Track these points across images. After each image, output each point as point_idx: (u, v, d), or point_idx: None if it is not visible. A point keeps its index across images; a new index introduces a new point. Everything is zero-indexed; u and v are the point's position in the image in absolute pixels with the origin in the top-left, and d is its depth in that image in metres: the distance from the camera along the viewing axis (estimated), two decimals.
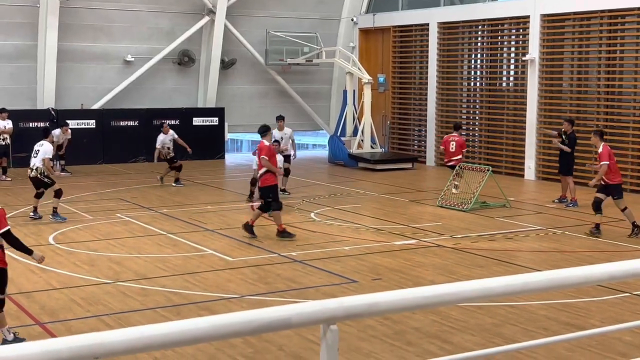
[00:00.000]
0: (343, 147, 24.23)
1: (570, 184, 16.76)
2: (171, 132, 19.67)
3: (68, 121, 22.07)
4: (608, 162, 13.46)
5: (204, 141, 25.02)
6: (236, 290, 10.10)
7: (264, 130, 13.52)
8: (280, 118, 18.62)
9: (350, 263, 11.62)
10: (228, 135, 26.74)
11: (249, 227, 13.27)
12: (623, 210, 13.57)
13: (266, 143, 13.42)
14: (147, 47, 25.00)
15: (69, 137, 21.46)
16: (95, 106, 24.33)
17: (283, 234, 13.11)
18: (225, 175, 22.80)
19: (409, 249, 12.64)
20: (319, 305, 2.69)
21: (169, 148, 19.44)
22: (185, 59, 25.59)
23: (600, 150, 13.72)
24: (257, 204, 16.11)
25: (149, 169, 22.68)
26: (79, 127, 23.54)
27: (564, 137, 16.85)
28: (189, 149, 19.77)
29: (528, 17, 20.99)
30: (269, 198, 13.18)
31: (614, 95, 19.59)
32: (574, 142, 16.80)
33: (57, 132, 20.51)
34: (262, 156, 13.23)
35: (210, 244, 12.83)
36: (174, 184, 19.51)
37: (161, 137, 19.43)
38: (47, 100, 23.31)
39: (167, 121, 22.06)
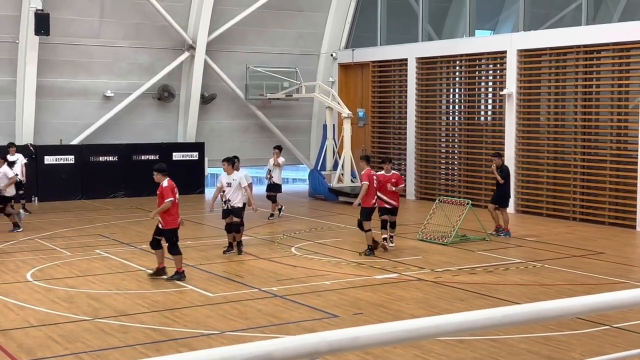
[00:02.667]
0: (323, 181, 24.27)
1: (505, 215, 17.12)
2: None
3: (47, 156, 21.96)
4: (368, 182, 14.68)
5: (183, 176, 24.96)
6: (216, 326, 10.02)
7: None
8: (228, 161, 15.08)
9: (331, 297, 11.58)
10: (208, 170, 26.72)
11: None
12: (366, 231, 14.71)
13: None
14: (126, 83, 25.02)
15: (24, 160, 20.23)
16: (75, 141, 24.24)
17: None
18: (205, 210, 22.70)
19: (390, 283, 12.62)
20: (301, 340, 2.68)
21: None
22: (165, 94, 25.62)
23: (362, 172, 14.98)
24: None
25: (128, 204, 22.58)
26: (57, 162, 23.45)
27: (497, 171, 17.20)
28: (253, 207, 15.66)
29: (505, 52, 21.25)
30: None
31: (590, 129, 19.80)
32: (507, 174, 17.16)
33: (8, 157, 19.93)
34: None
35: (189, 280, 12.74)
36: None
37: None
38: (25, 136, 23.20)
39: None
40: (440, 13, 26.16)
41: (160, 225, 12.70)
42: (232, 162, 15.03)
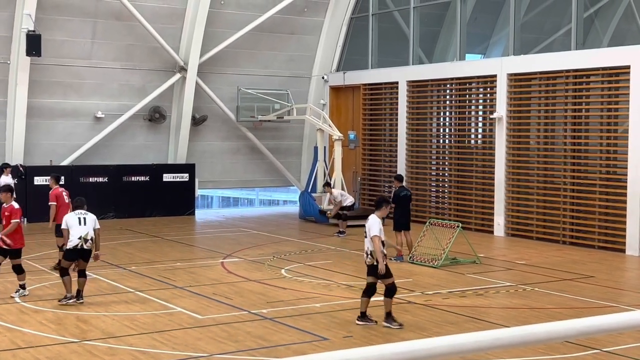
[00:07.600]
0: (314, 203, 24.25)
1: (399, 238, 17.04)
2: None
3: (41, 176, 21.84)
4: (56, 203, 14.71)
5: (174, 197, 24.95)
6: (205, 349, 9.96)
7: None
8: None
9: (322, 320, 11.54)
10: (198, 192, 26.68)
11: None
12: (61, 246, 13.80)
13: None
14: (117, 104, 25.02)
15: (13, 180, 20.46)
16: (65, 162, 24.18)
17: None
18: (195, 232, 22.66)
19: (380, 305, 12.57)
20: None
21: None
22: (156, 116, 25.62)
23: (51, 191, 14.76)
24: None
25: (117, 226, 22.49)
26: (47, 183, 23.28)
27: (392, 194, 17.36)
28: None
29: (495, 76, 21.38)
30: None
31: (580, 153, 19.90)
32: (395, 199, 17.17)
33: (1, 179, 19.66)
34: None
35: (179, 302, 12.68)
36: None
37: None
38: (15, 156, 23.14)
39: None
40: (431, 37, 26.32)
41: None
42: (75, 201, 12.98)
